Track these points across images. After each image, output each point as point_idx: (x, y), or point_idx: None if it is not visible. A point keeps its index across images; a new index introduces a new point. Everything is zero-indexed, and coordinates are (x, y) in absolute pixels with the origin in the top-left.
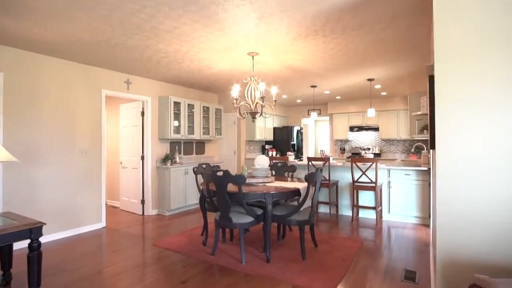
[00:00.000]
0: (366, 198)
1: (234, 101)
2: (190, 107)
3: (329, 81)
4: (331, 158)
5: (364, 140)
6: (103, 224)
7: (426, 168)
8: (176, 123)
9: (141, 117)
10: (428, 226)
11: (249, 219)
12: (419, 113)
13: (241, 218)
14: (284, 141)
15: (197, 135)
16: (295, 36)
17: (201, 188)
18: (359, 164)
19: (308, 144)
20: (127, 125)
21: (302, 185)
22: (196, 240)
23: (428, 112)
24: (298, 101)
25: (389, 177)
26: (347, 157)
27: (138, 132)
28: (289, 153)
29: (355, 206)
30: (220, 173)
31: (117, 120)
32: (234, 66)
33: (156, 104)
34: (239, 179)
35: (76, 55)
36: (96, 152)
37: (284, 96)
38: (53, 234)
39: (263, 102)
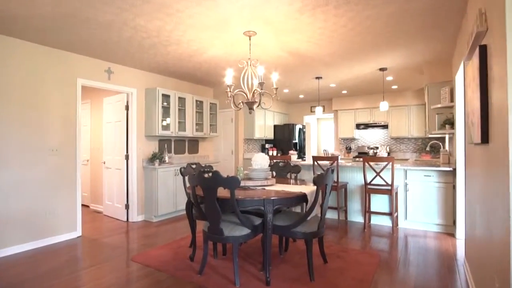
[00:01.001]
0: (379, 202)
1: (228, 89)
2: (181, 100)
3: (336, 71)
4: (339, 158)
5: (372, 138)
6: (78, 233)
7: (450, 169)
8: (166, 121)
9: (125, 112)
10: (452, 235)
11: (245, 230)
12: (438, 106)
13: (234, 230)
14: (285, 140)
15: (189, 132)
16: (300, 8)
17: (187, 191)
18: (372, 164)
19: (310, 143)
20: (111, 120)
21: (309, 189)
22: (183, 253)
23: (452, 104)
24: (301, 96)
25: (406, 178)
26: (353, 157)
27: (122, 129)
28: (291, 152)
29: (368, 212)
30: (208, 175)
31: (101, 115)
32: (229, 51)
33: (142, 97)
34: (231, 182)
35: (42, 36)
36: (69, 150)
37: (286, 91)
38: (17, 246)
39: (261, 89)
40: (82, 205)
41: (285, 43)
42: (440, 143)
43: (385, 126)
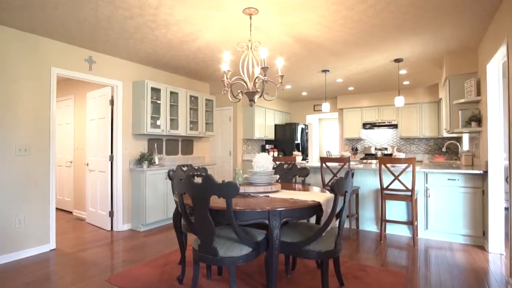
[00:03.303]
0: (395, 209)
1: (225, 76)
2: (174, 96)
3: (345, 63)
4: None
5: (380, 139)
6: (51, 245)
7: (480, 172)
8: (157, 118)
9: (109, 107)
10: (482, 247)
11: (244, 249)
12: (462, 101)
13: (232, 249)
14: (287, 140)
15: (182, 130)
16: None
17: (174, 199)
18: (389, 165)
19: (312, 144)
20: (95, 117)
21: (323, 197)
22: (171, 273)
23: (478, 98)
24: (304, 93)
25: (426, 182)
26: (360, 158)
27: (107, 126)
28: (295, 152)
29: (384, 221)
30: (198, 180)
31: (85, 111)
32: (226, 36)
33: (129, 91)
34: (227, 190)
35: (5, 16)
36: (42, 150)
37: (288, 87)
38: None
39: (265, 75)
40: (65, 211)
41: (291, 25)
42: (458, 144)
43: (394, 126)
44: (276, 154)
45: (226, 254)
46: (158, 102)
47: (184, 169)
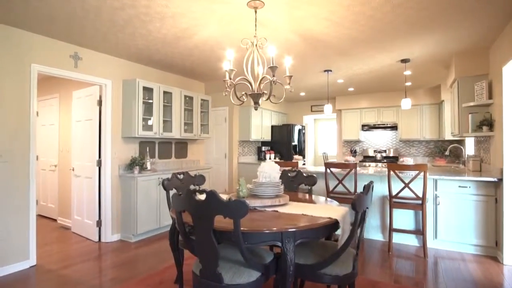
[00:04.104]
0: (401, 217)
1: (227, 76)
2: (167, 96)
3: (351, 62)
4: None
5: (379, 141)
6: (31, 261)
7: (494, 179)
8: (149, 119)
9: (97, 108)
10: (495, 258)
11: (253, 275)
12: (471, 104)
13: (239, 275)
14: (283, 142)
15: (176, 133)
16: None
17: (171, 214)
18: (398, 172)
19: (308, 145)
20: (81, 118)
21: (338, 213)
22: None
23: (490, 101)
24: (302, 94)
25: (435, 189)
26: (359, 161)
27: (94, 128)
28: (296, 156)
29: (392, 230)
30: (201, 196)
31: (71, 112)
32: (227, 32)
33: (119, 90)
34: (235, 209)
35: None
36: (20, 156)
37: (287, 87)
38: None
39: (273, 75)
40: (49, 218)
41: (299, 21)
42: (462, 147)
43: (393, 128)
44: (273, 156)
45: (232, 281)
46: (151, 102)
47: (180, 177)
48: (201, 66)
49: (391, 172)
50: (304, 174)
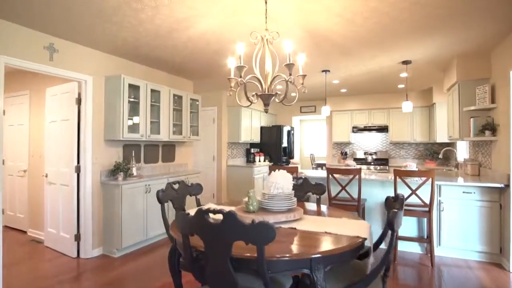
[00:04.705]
0: (404, 224)
1: (232, 74)
2: (155, 94)
3: (351, 62)
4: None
5: (369, 143)
6: None
7: (500, 185)
8: (135, 120)
9: (76, 107)
10: (499, 265)
11: None
12: (472, 108)
13: None
14: (272, 144)
15: (165, 135)
16: None
17: (171, 234)
18: (404, 177)
19: (294, 147)
20: (57, 119)
21: (362, 228)
22: None
23: (493, 106)
24: (293, 94)
25: (439, 195)
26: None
27: (72, 130)
28: (293, 161)
29: (397, 238)
30: (215, 217)
31: (44, 111)
32: (228, 25)
33: (101, 87)
34: (260, 234)
35: None
36: None
37: (280, 87)
38: None
39: (290, 74)
40: (18, 230)
41: (308, 15)
42: (454, 150)
43: (383, 130)
44: (262, 158)
45: None
46: (137, 101)
47: (175, 186)
48: (192, 62)
49: (397, 178)
50: (312, 182)
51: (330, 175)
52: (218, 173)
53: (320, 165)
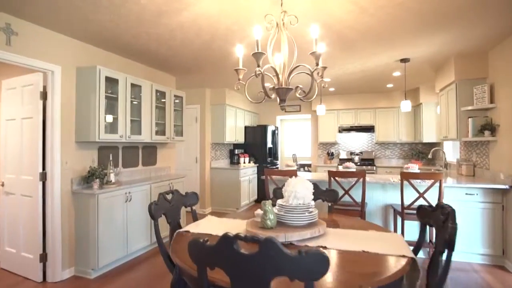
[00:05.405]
0: (407, 228)
1: (240, 64)
2: (135, 89)
3: (348, 60)
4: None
5: (355, 143)
6: None
7: (505, 186)
8: (112, 119)
9: (40, 102)
10: (502, 267)
11: None
12: (469, 108)
13: None
14: (257, 145)
15: (147, 135)
16: None
17: (174, 263)
18: (411, 180)
19: (278, 148)
20: (16, 116)
21: (400, 244)
22: None
23: (492, 106)
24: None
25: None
26: (338, 164)
27: (35, 130)
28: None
29: None
30: (244, 251)
31: None
32: (229, 9)
33: (71, 79)
34: (311, 268)
35: None
36: None
37: (268, 85)
38: None
39: (317, 64)
40: None
41: (324, 2)
42: (443, 151)
43: (370, 130)
44: (247, 160)
45: None
46: (115, 97)
47: (169, 197)
48: (179, 55)
49: (404, 181)
50: (323, 188)
51: (332, 178)
52: (201, 176)
53: (303, 166)
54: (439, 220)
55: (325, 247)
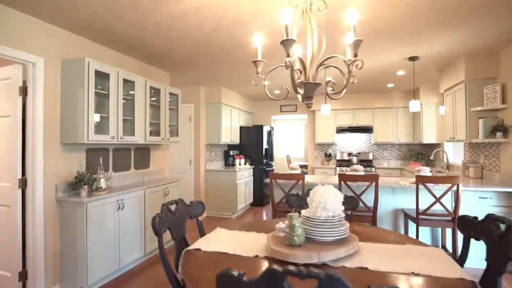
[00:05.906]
0: (412, 233)
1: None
2: (128, 86)
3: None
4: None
5: (353, 144)
6: None
7: None
8: (102, 118)
9: (19, 99)
10: None
11: None
12: (479, 108)
13: None
14: (252, 146)
15: (140, 136)
16: None
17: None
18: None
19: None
20: None
21: (448, 262)
22: None
23: (505, 106)
24: (276, 91)
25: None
26: (336, 166)
27: (13, 130)
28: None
29: None
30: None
31: None
32: None
33: (56, 73)
34: None
35: None
36: None
37: (266, 83)
38: None
39: (355, 55)
40: None
41: None
42: (445, 152)
43: (368, 130)
44: (243, 161)
45: None
46: (106, 93)
47: (172, 207)
48: (176, 48)
49: (419, 185)
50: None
51: (342, 183)
52: (195, 179)
53: (299, 167)
54: (493, 234)
55: (366, 268)
